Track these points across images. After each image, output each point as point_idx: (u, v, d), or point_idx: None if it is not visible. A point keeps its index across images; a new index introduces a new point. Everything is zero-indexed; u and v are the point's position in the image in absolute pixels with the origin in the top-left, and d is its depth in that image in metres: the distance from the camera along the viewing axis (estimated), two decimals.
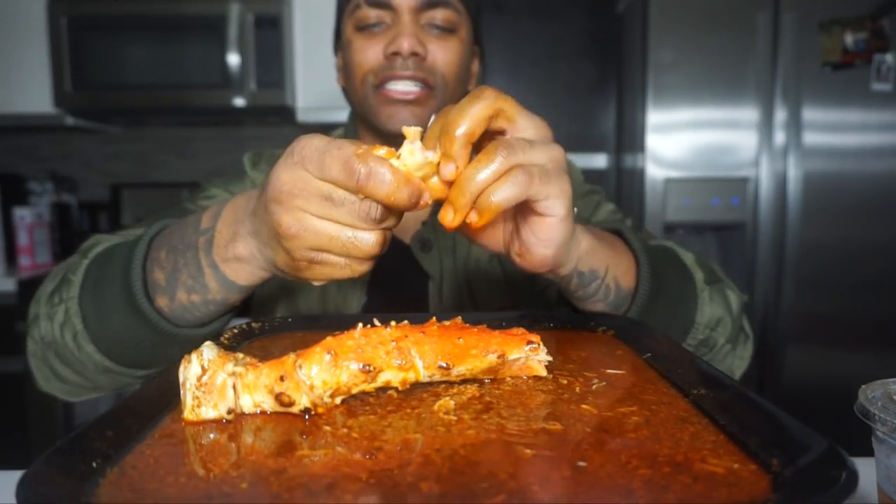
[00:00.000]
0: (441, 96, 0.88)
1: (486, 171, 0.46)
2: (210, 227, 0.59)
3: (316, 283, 0.52)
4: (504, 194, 0.46)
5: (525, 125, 0.50)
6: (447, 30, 0.87)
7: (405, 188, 0.46)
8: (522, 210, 0.53)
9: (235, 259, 0.57)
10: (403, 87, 0.86)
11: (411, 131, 0.47)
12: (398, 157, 0.47)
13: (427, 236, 0.91)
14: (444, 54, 0.87)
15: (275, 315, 0.91)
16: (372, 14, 0.86)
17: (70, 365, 0.69)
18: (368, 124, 0.94)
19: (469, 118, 0.47)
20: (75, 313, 0.66)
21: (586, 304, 0.66)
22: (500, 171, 0.46)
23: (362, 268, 0.51)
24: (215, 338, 0.57)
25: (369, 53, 0.87)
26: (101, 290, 0.66)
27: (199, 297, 0.62)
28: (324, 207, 0.47)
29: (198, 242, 0.60)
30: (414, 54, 0.84)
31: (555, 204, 0.50)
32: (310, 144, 0.47)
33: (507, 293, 0.92)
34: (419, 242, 0.91)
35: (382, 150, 0.47)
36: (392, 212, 0.49)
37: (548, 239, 0.52)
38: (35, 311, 0.71)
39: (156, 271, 0.63)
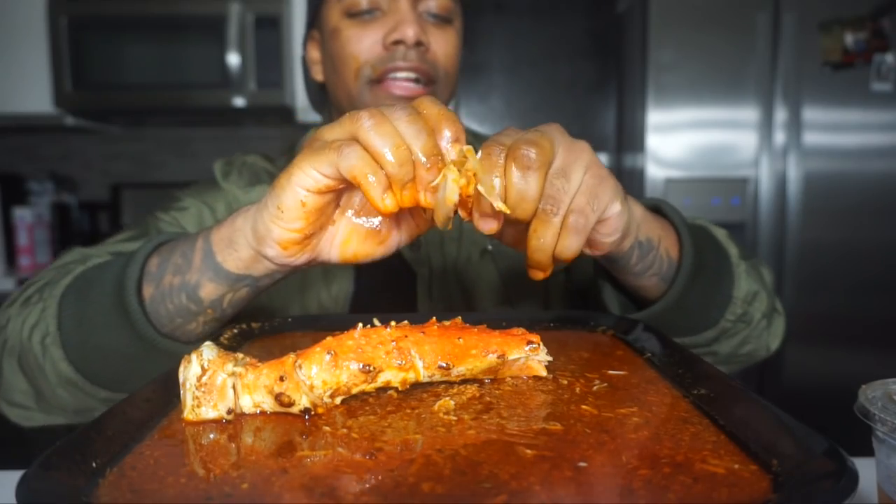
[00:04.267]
0: (441, 93, 0.84)
1: (549, 235, 0.49)
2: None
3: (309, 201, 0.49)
4: (573, 246, 0.50)
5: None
6: (444, 19, 0.82)
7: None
8: None
9: (228, 231, 0.55)
10: (406, 83, 0.80)
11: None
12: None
13: None
14: (444, 46, 0.82)
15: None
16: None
17: (29, 374, 0.64)
18: None
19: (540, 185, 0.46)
20: (52, 314, 0.62)
21: (642, 279, 0.65)
22: (559, 225, 0.49)
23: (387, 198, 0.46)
24: (215, 338, 0.56)
25: (366, 43, 0.80)
26: (89, 292, 0.62)
27: (179, 280, 0.58)
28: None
29: (201, 232, 0.58)
30: (418, 43, 0.79)
31: (610, 206, 0.52)
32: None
33: (503, 290, 0.89)
34: None
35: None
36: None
37: (613, 230, 0.54)
38: (6, 316, 0.66)
39: (152, 261, 0.60)
